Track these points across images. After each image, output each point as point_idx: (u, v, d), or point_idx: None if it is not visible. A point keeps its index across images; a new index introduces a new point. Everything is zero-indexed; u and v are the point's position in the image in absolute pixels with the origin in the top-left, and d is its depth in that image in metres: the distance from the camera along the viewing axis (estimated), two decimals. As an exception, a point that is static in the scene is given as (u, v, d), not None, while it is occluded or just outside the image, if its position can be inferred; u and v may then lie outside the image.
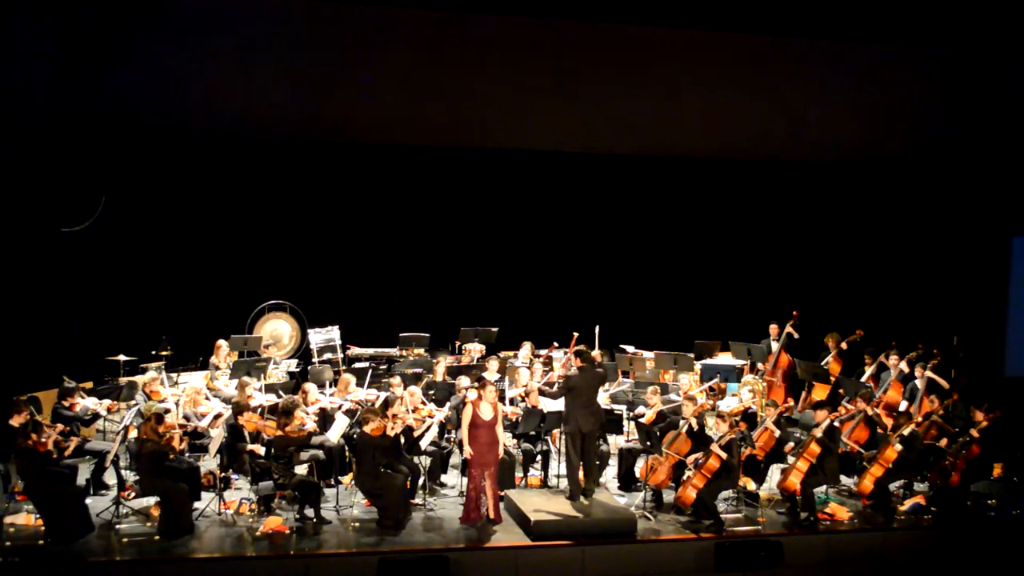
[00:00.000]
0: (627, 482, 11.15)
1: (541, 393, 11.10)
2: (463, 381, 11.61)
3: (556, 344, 13.66)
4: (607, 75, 13.91)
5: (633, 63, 13.85)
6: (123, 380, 11.86)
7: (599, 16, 13.22)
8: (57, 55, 12.27)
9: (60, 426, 9.84)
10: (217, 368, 12.67)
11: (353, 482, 10.24)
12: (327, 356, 13.99)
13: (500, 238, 16.07)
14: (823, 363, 13.17)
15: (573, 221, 16.28)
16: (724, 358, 13.96)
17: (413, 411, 10.52)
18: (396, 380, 11.33)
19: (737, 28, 13.51)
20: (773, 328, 13.73)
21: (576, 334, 13.53)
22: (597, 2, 13.05)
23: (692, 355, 13.22)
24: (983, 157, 15.59)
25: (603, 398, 11.86)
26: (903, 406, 12.14)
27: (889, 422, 11.20)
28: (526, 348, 13.44)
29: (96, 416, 10.83)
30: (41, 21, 12.02)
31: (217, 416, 10.85)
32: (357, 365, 12.78)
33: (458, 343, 14.19)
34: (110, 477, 10.26)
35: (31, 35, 12.03)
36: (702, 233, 16.60)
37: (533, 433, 10.92)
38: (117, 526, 9.46)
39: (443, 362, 12.57)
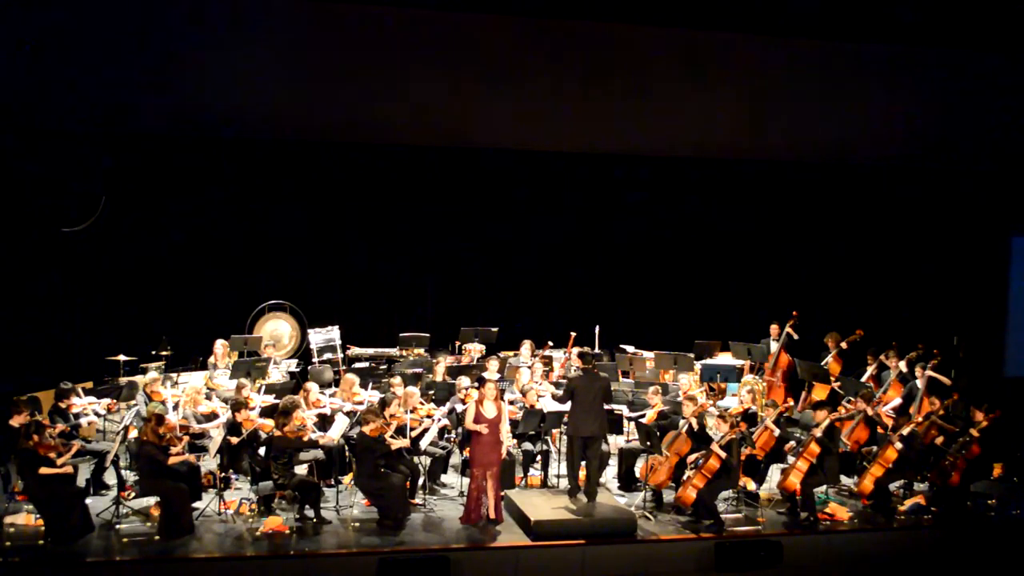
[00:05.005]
0: (627, 482, 11.16)
1: (554, 397, 11.11)
2: (463, 381, 11.61)
3: (551, 343, 13.66)
4: (607, 75, 13.91)
5: (633, 63, 13.84)
6: (123, 380, 11.85)
7: (598, 16, 13.22)
8: (57, 55, 12.27)
9: (60, 426, 9.86)
10: (215, 367, 12.68)
11: (353, 482, 10.24)
12: (327, 356, 13.99)
13: (500, 238, 16.06)
14: (823, 363, 13.17)
15: (573, 221, 16.28)
16: (724, 358, 13.95)
17: (412, 411, 10.52)
18: (397, 380, 11.34)
19: (737, 28, 13.50)
20: (773, 328, 13.75)
21: (574, 334, 13.59)
22: (597, 2, 13.04)
23: (692, 355, 13.22)
24: (983, 157, 15.59)
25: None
26: (893, 403, 12.15)
27: (889, 422, 11.21)
28: (526, 348, 13.44)
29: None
30: (41, 21, 12.02)
31: (217, 418, 10.87)
32: (357, 365, 12.78)
33: (458, 343, 14.19)
34: (110, 477, 10.26)
35: (31, 35, 12.02)
36: (702, 233, 16.60)
37: (533, 433, 10.92)
38: (117, 526, 9.46)
39: (443, 362, 12.57)
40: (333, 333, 14.20)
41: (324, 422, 10.86)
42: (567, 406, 10.22)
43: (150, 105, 13.30)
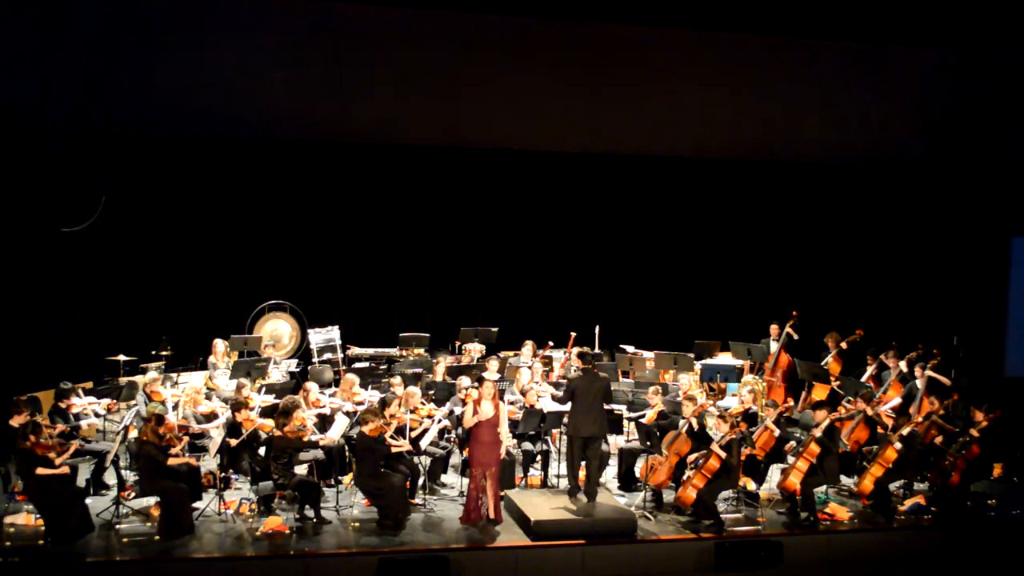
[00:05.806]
0: (627, 482, 11.16)
1: (553, 398, 11.11)
2: (463, 381, 11.61)
3: (551, 344, 13.66)
4: (607, 75, 13.90)
5: (633, 63, 13.84)
6: (123, 380, 11.86)
7: (599, 16, 13.22)
8: (58, 55, 12.27)
9: (60, 426, 9.86)
10: (215, 367, 12.68)
11: (353, 482, 10.24)
12: (327, 356, 13.99)
13: (500, 238, 16.07)
14: (823, 363, 13.18)
15: (573, 221, 16.28)
16: (724, 358, 13.96)
17: (412, 411, 10.52)
18: (397, 380, 11.34)
19: (737, 28, 13.50)
20: (773, 328, 13.75)
21: (574, 334, 13.59)
22: (597, 2, 13.04)
23: (692, 355, 13.22)
24: (983, 157, 15.59)
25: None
26: (893, 403, 12.16)
27: (889, 422, 11.21)
28: (527, 348, 13.43)
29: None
30: (41, 21, 12.02)
31: (216, 418, 10.87)
32: (357, 365, 12.78)
33: (458, 343, 14.19)
34: (110, 477, 10.26)
35: (31, 35, 12.02)
36: (702, 233, 16.60)
37: (533, 433, 10.92)
38: (117, 526, 9.46)
39: (443, 362, 12.57)
40: (333, 333, 14.20)
41: (324, 422, 10.86)
42: (567, 406, 10.22)
43: (150, 105, 13.30)
